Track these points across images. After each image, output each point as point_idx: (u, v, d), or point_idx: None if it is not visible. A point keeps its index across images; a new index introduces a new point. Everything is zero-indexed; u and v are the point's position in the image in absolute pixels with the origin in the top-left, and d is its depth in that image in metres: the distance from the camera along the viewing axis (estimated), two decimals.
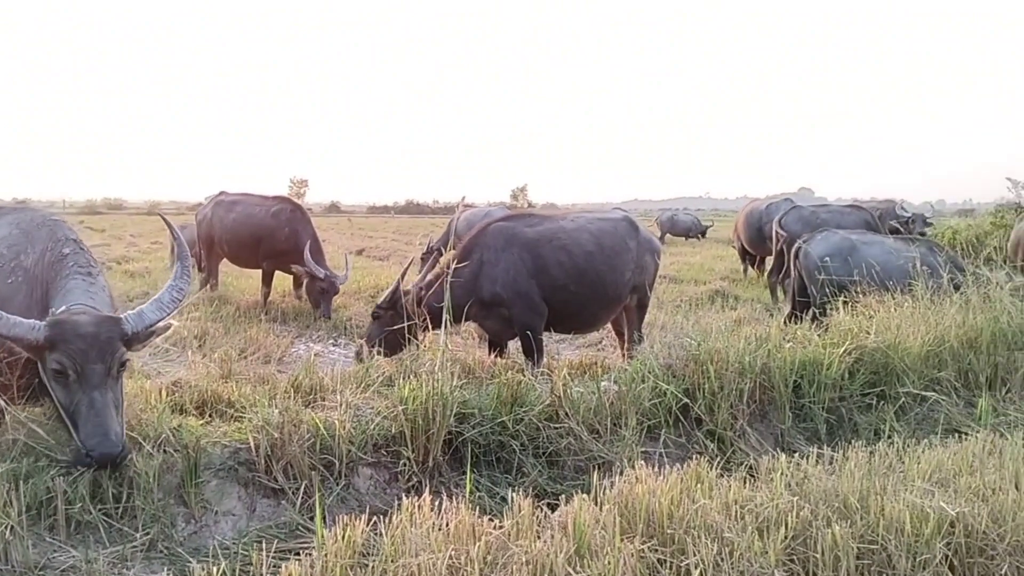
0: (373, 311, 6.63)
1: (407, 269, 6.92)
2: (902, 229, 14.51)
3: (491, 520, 3.41)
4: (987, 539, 3.75)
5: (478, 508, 4.01)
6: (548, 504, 3.75)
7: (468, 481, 4.14)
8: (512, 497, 3.50)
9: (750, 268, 16.76)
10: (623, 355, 7.36)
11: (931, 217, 16.39)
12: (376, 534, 3.35)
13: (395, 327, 6.19)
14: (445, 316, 5.29)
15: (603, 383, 5.39)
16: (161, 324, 4.13)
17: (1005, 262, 12.57)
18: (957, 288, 7.50)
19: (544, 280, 6.40)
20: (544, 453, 4.82)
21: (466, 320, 6.43)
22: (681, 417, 5.36)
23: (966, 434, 5.15)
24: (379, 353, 6.08)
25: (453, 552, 3.09)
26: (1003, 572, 3.71)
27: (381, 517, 3.42)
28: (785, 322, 8.16)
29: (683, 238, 32.36)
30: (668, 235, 32.17)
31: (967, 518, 3.75)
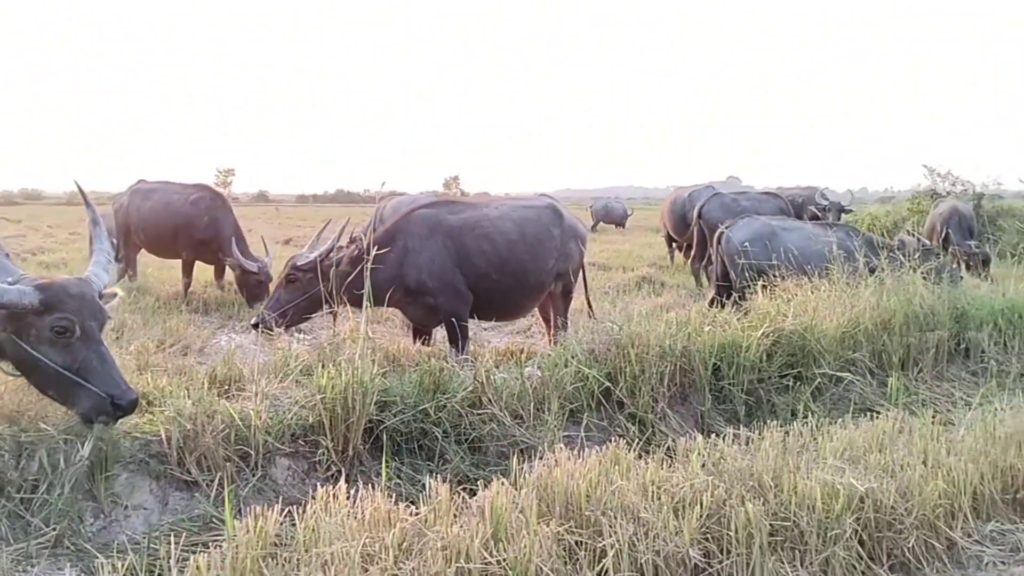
0: (288, 273, 6.38)
1: (343, 230, 6.73)
2: (820, 216, 14.89)
3: (408, 507, 3.38)
4: (895, 513, 3.87)
5: (397, 496, 4.00)
6: (470, 490, 3.74)
7: (384, 468, 4.10)
8: (429, 483, 3.46)
9: (677, 254, 16.99)
10: (550, 341, 7.38)
11: (850, 204, 16.81)
12: (291, 524, 3.30)
13: (309, 293, 6.04)
14: (366, 303, 5.21)
15: (527, 369, 5.40)
16: (108, 290, 4.29)
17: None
18: (873, 271, 7.70)
19: (468, 268, 6.36)
20: (467, 440, 4.80)
21: (389, 306, 6.36)
22: (603, 400, 5.40)
23: (879, 413, 5.30)
24: (281, 323, 5.95)
25: (368, 540, 3.05)
26: (910, 545, 3.84)
27: (298, 508, 3.37)
28: (708, 307, 8.29)
29: (614, 226, 32.66)
30: (601, 223, 32.47)
31: (876, 494, 3.86)
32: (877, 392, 6.19)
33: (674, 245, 17.02)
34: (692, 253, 13.92)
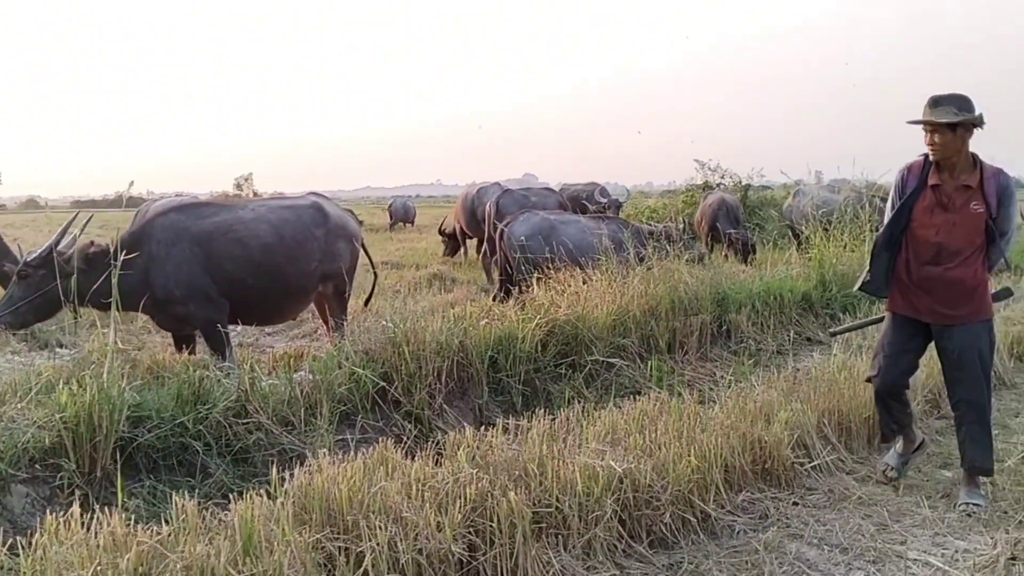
0: (20, 269, 5.80)
1: (68, 225, 6.19)
2: (595, 210, 15.55)
3: (151, 528, 3.16)
4: (652, 491, 4.03)
5: (149, 517, 3.76)
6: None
7: (120, 488, 3.80)
8: (175, 500, 3.25)
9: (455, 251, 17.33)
10: (330, 342, 7.20)
11: (627, 200, 17.66)
12: (15, 556, 3.00)
13: (44, 290, 5.54)
14: (113, 311, 4.85)
15: (297, 374, 5.23)
16: None
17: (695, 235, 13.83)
18: (642, 261, 8.07)
19: (219, 275, 6.01)
20: (231, 451, 4.58)
21: (143, 313, 5.97)
22: (379, 401, 5.32)
23: (646, 395, 5.54)
24: (16, 323, 5.47)
25: (99, 568, 2.81)
26: (666, 520, 4.01)
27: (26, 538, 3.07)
28: (493, 300, 8.40)
29: (411, 224, 32.58)
30: (401, 222, 32.31)
31: (634, 473, 4.01)
32: (645, 376, 6.49)
33: (466, 241, 17.27)
34: (483, 248, 14.11)
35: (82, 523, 3.09)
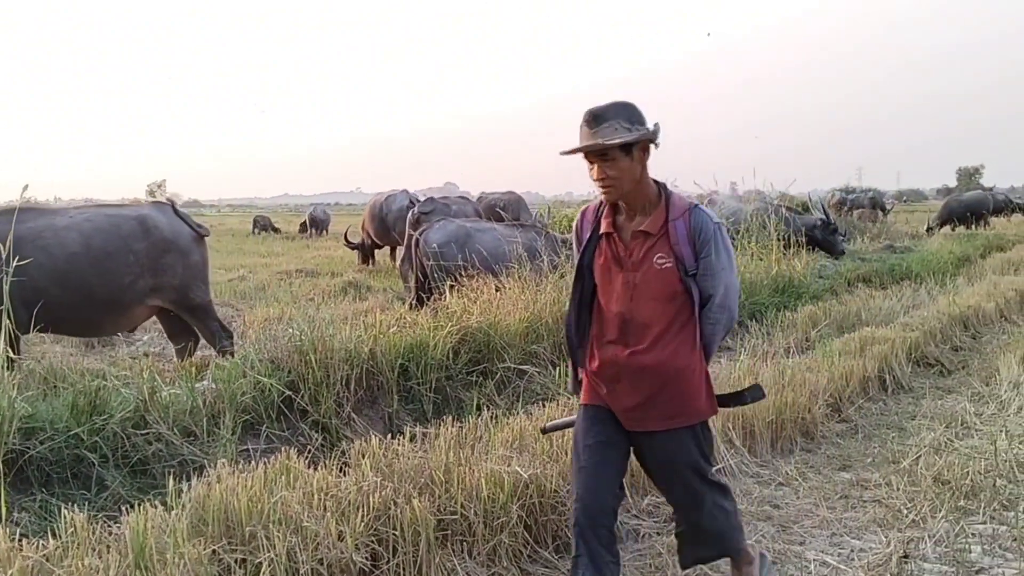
0: None
1: None
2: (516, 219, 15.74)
3: (38, 543, 3.04)
4: (558, 496, 4.05)
5: (37, 531, 3.61)
6: None
7: (2, 502, 3.65)
8: (64, 514, 3.14)
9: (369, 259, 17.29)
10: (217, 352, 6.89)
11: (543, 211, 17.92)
12: None
13: None
14: (4, 320, 4.66)
15: (200, 383, 5.10)
16: None
17: None
18: (556, 268, 8.14)
19: (26, 283, 5.68)
20: (129, 463, 4.44)
21: None
22: (285, 410, 5.23)
23: (554, 401, 5.58)
24: None
25: None
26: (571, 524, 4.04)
27: None
28: (409, 308, 8.36)
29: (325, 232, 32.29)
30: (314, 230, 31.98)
31: (540, 479, 4.03)
32: (557, 382, 6.52)
33: (375, 250, 17.25)
34: (401, 256, 14.08)
35: None
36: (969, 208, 26.46)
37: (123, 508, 3.71)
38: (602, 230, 3.15)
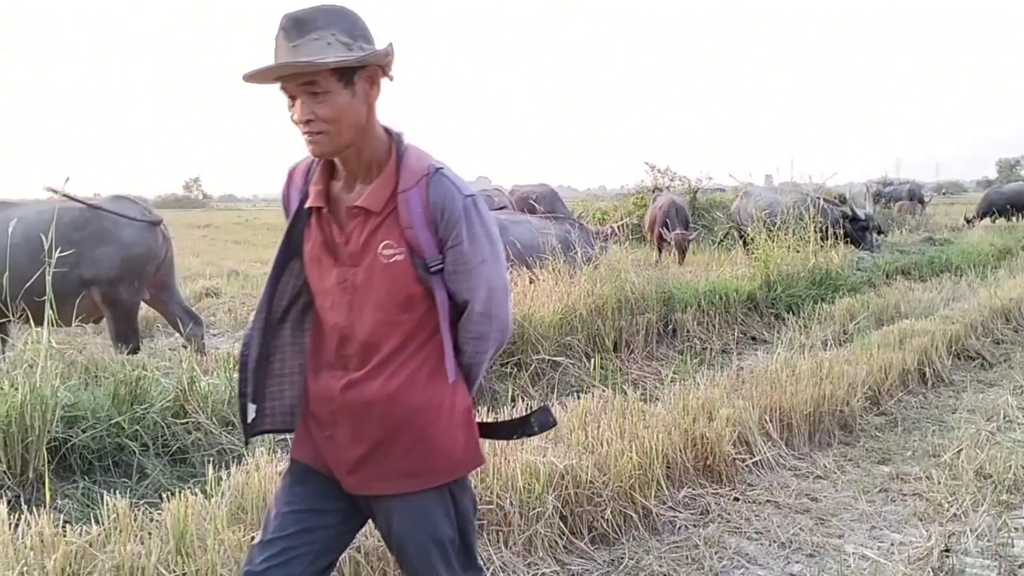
0: None
1: None
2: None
3: (81, 528, 3.09)
4: (593, 487, 4.04)
5: (81, 518, 3.68)
6: None
7: (47, 487, 3.72)
8: (107, 500, 3.19)
9: None
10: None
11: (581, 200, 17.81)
12: None
13: None
14: (47, 309, 4.73)
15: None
16: None
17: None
18: (590, 260, 8.13)
19: None
20: (169, 452, 4.51)
21: None
22: None
23: (589, 393, 5.57)
24: None
25: (24, 568, 2.75)
26: (607, 516, 4.03)
27: None
28: None
29: None
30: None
31: (575, 470, 4.02)
32: (592, 374, 6.51)
33: None
34: None
35: (10, 524, 3.02)
36: (1010, 200, 25.95)
37: (164, 496, 3.80)
38: (309, 202, 2.12)
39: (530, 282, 7.36)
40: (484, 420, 2.43)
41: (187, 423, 4.63)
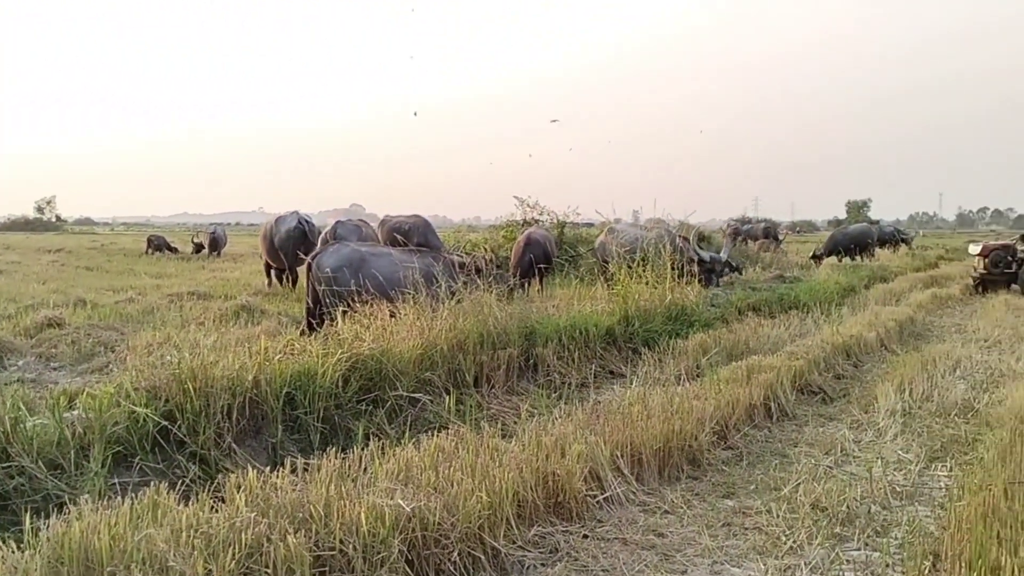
0: None
1: None
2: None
3: None
4: (441, 529, 3.98)
5: None
6: None
7: None
8: None
9: (277, 282, 16.84)
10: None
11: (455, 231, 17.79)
12: None
13: None
14: None
15: (69, 413, 4.84)
16: None
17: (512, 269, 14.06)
18: (454, 294, 8.09)
19: None
20: None
21: None
22: (162, 441, 5.00)
23: (445, 431, 5.50)
24: None
25: None
26: (454, 559, 3.97)
27: None
28: (301, 333, 8.15)
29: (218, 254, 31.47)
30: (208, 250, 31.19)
31: (423, 512, 3.95)
32: (450, 410, 6.46)
33: (272, 272, 16.90)
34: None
35: None
36: (853, 240, 27.56)
37: None
38: None
39: (391, 316, 7.26)
40: None
41: (9, 467, 4.30)
